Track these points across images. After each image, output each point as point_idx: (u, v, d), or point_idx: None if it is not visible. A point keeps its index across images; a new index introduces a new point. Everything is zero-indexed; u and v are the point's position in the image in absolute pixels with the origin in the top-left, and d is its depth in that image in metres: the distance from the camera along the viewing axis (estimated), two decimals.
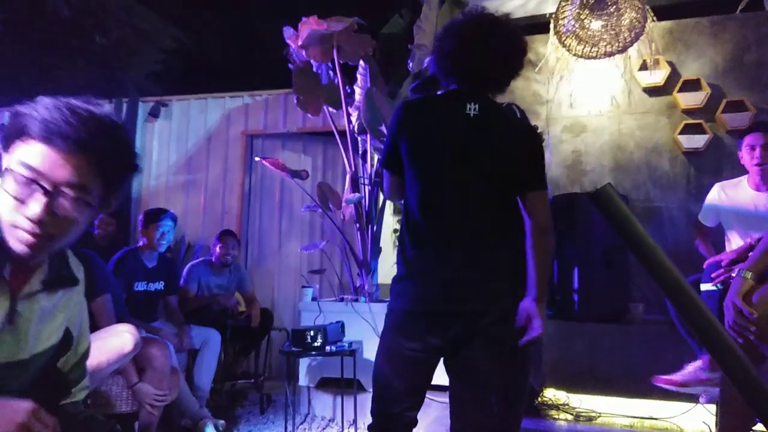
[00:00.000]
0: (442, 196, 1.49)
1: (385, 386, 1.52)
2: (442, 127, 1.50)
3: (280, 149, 4.85)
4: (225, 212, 4.79)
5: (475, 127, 1.48)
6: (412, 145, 1.50)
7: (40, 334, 0.97)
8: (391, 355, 1.52)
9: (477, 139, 1.48)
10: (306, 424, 3.13)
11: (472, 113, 1.47)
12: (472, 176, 1.48)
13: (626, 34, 3.30)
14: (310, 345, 2.88)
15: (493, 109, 1.52)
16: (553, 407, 2.86)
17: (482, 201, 1.49)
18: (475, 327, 1.43)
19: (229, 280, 3.81)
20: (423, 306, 1.47)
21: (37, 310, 0.96)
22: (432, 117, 1.53)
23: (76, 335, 1.08)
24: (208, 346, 3.23)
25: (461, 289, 1.44)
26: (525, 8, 3.99)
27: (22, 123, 0.85)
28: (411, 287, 1.50)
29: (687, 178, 3.48)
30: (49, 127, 0.84)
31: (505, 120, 1.54)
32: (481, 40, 1.48)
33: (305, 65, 3.86)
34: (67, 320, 1.05)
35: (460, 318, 1.44)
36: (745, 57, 3.45)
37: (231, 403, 3.53)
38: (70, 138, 0.85)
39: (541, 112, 3.81)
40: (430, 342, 1.45)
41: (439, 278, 1.46)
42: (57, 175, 0.85)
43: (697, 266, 2.91)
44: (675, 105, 3.52)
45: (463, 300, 1.44)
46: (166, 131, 5.03)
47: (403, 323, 1.50)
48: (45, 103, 0.86)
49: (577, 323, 2.93)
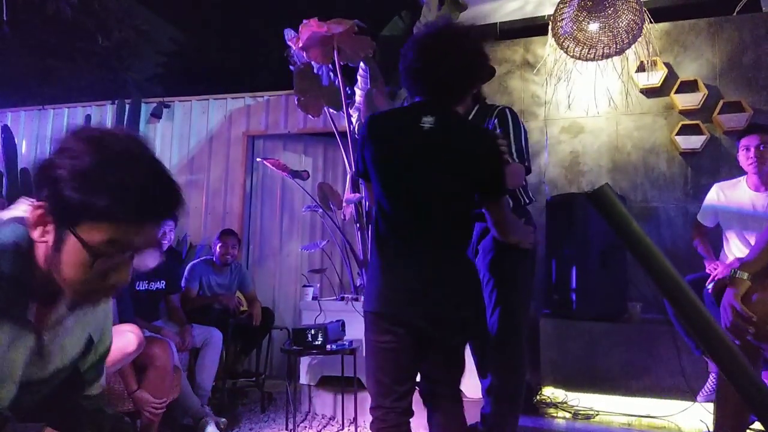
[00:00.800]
0: (399, 208, 1.57)
1: (374, 382, 1.61)
2: (398, 140, 1.57)
3: (281, 150, 4.88)
4: (226, 212, 4.82)
5: (430, 140, 1.52)
6: (375, 157, 1.59)
7: (63, 350, 0.99)
8: (371, 353, 1.62)
9: (431, 152, 1.52)
10: (307, 422, 3.15)
11: (427, 126, 1.52)
12: (426, 189, 1.54)
13: (624, 36, 3.33)
14: (311, 344, 2.91)
15: (450, 121, 1.56)
16: (551, 405, 2.89)
17: (436, 213, 1.56)
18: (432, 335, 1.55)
19: (231, 280, 3.84)
20: (387, 308, 1.57)
21: (61, 332, 0.98)
22: (392, 129, 1.60)
23: (97, 340, 1.09)
24: (210, 344, 3.26)
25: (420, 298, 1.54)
26: (523, 11, 4.02)
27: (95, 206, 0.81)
28: (377, 290, 1.59)
29: (684, 178, 3.50)
30: (132, 210, 0.83)
31: (460, 132, 1.57)
32: (438, 53, 1.52)
33: (306, 67, 3.89)
34: (90, 329, 1.06)
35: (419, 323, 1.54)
36: (742, 58, 3.47)
37: (232, 401, 3.55)
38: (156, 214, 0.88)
39: (539, 114, 3.84)
40: (398, 333, 1.55)
41: (400, 285, 1.55)
42: (138, 242, 0.87)
43: (694, 266, 2.94)
44: (672, 106, 3.54)
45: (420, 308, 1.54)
46: (168, 132, 5.07)
47: (373, 322, 1.60)
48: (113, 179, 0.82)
49: (575, 322, 2.95)
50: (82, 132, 0.85)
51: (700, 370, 2.71)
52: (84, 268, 0.84)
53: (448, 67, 1.52)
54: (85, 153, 0.81)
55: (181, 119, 5.05)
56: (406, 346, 1.56)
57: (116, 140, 0.85)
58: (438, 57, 1.52)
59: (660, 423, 2.69)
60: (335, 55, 3.63)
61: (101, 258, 0.84)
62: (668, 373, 2.75)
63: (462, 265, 1.62)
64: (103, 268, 0.85)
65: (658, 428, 2.66)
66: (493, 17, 4.09)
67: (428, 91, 1.57)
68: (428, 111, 1.54)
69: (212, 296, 3.70)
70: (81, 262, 0.84)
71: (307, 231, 4.79)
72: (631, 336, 2.87)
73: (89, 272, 0.84)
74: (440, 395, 1.66)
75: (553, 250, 3.11)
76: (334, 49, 3.62)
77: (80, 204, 0.81)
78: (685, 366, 2.68)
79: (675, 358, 2.70)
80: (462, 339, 1.65)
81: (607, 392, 2.89)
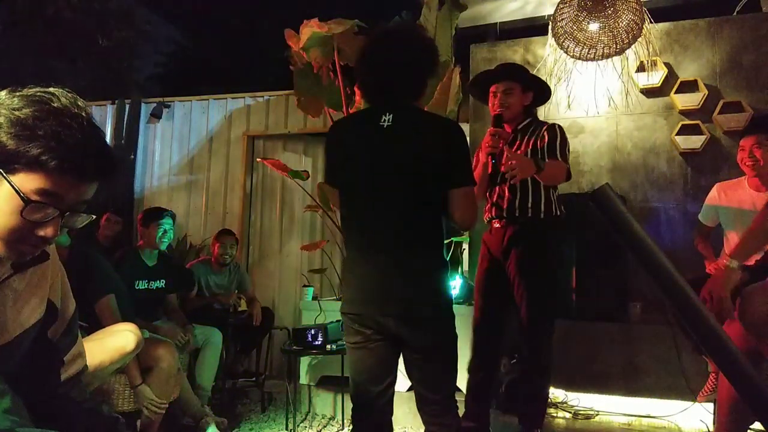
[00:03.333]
0: (365, 206, 1.59)
1: (353, 382, 1.66)
2: (360, 141, 1.60)
3: (281, 150, 4.88)
4: (226, 212, 4.82)
5: (389, 137, 1.55)
6: (339, 160, 1.63)
7: (20, 315, 0.99)
8: (348, 354, 1.67)
9: (391, 148, 1.55)
10: (307, 422, 3.15)
11: (386, 124, 1.54)
12: (390, 184, 1.55)
13: (624, 36, 3.33)
14: (311, 344, 2.91)
15: (409, 115, 1.59)
16: (552, 405, 2.88)
17: (402, 208, 1.56)
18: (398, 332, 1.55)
19: (230, 280, 3.84)
20: (355, 308, 1.59)
21: (11, 294, 0.98)
22: (353, 131, 1.65)
23: (60, 304, 1.09)
24: (210, 344, 3.26)
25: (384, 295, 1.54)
26: (523, 11, 4.02)
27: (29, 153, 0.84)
28: (346, 291, 1.64)
29: (684, 178, 3.50)
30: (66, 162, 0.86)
31: (421, 123, 1.60)
32: (379, 54, 1.58)
33: (306, 67, 3.89)
34: (48, 293, 1.06)
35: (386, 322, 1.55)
36: (743, 58, 3.47)
37: (232, 401, 3.56)
38: (89, 172, 0.89)
39: (540, 113, 3.82)
40: (367, 333, 1.58)
41: (366, 283, 1.57)
42: (69, 198, 0.89)
43: (694, 266, 2.94)
44: (672, 106, 3.54)
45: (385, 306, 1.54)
46: (168, 132, 5.07)
47: (345, 324, 1.65)
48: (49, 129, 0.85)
49: (575, 322, 2.95)
50: (22, 89, 0.88)
51: (700, 370, 2.71)
52: (13, 216, 0.86)
53: (393, 64, 1.56)
54: (25, 105, 0.85)
55: (181, 119, 5.05)
56: (376, 346, 1.58)
57: (56, 97, 0.88)
58: (380, 58, 1.58)
59: (660, 423, 2.69)
60: (335, 55, 3.63)
61: (32, 205, 0.86)
62: (668, 373, 2.75)
63: (430, 261, 1.58)
64: (32, 219, 0.87)
65: (658, 428, 2.66)
66: (493, 17, 4.09)
67: (381, 93, 1.61)
68: (387, 110, 1.57)
69: (212, 297, 3.70)
70: (11, 210, 0.86)
71: (307, 231, 4.79)
72: (631, 336, 2.87)
73: (18, 221, 0.86)
74: (426, 399, 1.62)
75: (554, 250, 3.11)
76: (334, 50, 3.63)
77: (15, 151, 0.84)
78: (685, 366, 2.68)
79: (675, 358, 2.70)
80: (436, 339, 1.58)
81: (607, 392, 2.90)
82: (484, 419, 2.48)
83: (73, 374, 1.12)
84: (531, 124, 2.43)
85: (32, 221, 0.87)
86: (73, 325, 1.14)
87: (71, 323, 1.14)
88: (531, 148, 2.33)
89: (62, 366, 1.10)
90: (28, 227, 0.88)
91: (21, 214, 0.86)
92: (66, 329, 1.12)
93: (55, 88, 0.91)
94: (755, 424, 2.07)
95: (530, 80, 2.45)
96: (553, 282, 2.41)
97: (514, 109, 2.38)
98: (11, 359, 0.98)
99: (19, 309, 0.99)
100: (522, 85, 2.40)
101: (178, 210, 4.62)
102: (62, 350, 1.11)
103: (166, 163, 5.03)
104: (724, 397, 1.89)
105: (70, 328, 1.13)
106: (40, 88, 0.89)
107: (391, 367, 1.63)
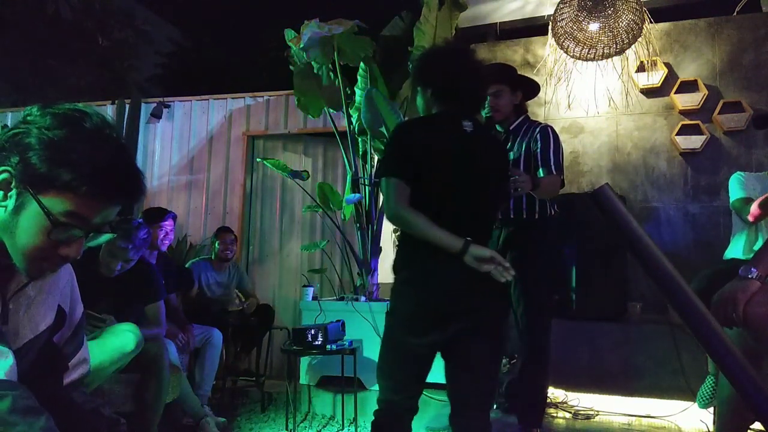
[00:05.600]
0: (452, 207, 1.61)
1: (389, 378, 1.66)
2: (447, 143, 1.64)
3: (281, 150, 4.88)
4: (226, 212, 4.82)
5: (474, 142, 1.65)
6: (421, 158, 1.60)
7: (32, 321, 1.00)
8: (397, 351, 1.64)
9: (478, 154, 1.65)
10: (307, 422, 3.15)
11: (469, 129, 1.65)
12: (477, 188, 1.64)
13: (624, 36, 3.33)
14: (311, 344, 2.91)
15: (482, 126, 1.78)
16: (552, 405, 2.88)
17: (485, 210, 1.69)
18: (476, 323, 1.58)
19: (230, 278, 3.86)
20: (430, 307, 1.58)
21: (24, 301, 0.99)
22: (437, 133, 1.66)
23: (68, 310, 1.10)
24: (210, 344, 3.26)
25: (468, 289, 1.57)
26: (523, 11, 4.03)
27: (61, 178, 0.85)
28: (418, 289, 1.60)
29: (684, 178, 3.50)
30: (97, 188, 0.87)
31: (492, 136, 1.85)
32: (475, 64, 1.71)
33: (306, 67, 3.89)
34: (58, 299, 1.07)
35: (464, 315, 1.57)
36: (742, 58, 3.47)
37: (232, 401, 3.56)
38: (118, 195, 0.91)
39: (540, 114, 3.84)
40: (434, 338, 1.58)
41: (449, 281, 1.57)
42: (96, 219, 0.90)
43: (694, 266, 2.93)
44: (672, 106, 3.54)
45: (468, 299, 1.58)
46: (168, 132, 5.07)
47: (409, 323, 1.60)
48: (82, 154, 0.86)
49: (575, 322, 2.96)
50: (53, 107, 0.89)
51: (701, 370, 2.71)
52: (40, 236, 0.87)
53: (482, 74, 1.73)
54: (57, 126, 0.86)
55: (181, 119, 5.05)
56: (435, 350, 1.62)
57: (88, 118, 0.89)
58: (478, 75, 1.71)
59: (660, 423, 2.69)
60: (335, 55, 3.64)
61: (59, 227, 0.87)
62: (668, 373, 2.75)
63: None
64: (58, 239, 0.88)
65: (658, 428, 2.65)
66: (493, 17, 4.10)
67: (471, 105, 1.72)
68: (464, 118, 1.67)
69: (211, 298, 3.71)
70: (38, 230, 0.87)
71: (307, 231, 4.79)
72: (631, 336, 2.87)
73: (44, 241, 0.88)
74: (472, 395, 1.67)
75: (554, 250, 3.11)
76: (334, 50, 3.63)
77: (47, 173, 0.85)
78: (685, 366, 2.68)
79: (675, 358, 2.70)
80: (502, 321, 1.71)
81: (607, 392, 2.90)
82: None
83: (76, 379, 1.13)
84: (523, 124, 2.42)
85: (57, 241, 0.89)
86: (79, 330, 1.15)
87: (78, 328, 1.14)
88: (524, 151, 2.33)
89: (66, 371, 1.11)
90: (52, 246, 0.89)
91: (48, 234, 0.87)
92: (72, 334, 1.12)
93: (85, 105, 0.92)
94: (755, 424, 2.07)
95: (518, 80, 2.45)
96: (550, 283, 2.42)
97: (504, 110, 2.40)
98: (21, 364, 0.98)
99: (31, 315, 1.00)
100: (510, 85, 2.41)
101: (178, 210, 4.61)
102: (68, 356, 1.12)
103: (166, 163, 5.03)
104: (724, 397, 1.89)
105: (77, 333, 1.14)
106: (70, 106, 0.90)
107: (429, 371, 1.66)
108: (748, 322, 1.62)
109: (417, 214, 1.57)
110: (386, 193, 1.62)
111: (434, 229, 1.55)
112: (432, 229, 1.55)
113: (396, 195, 1.59)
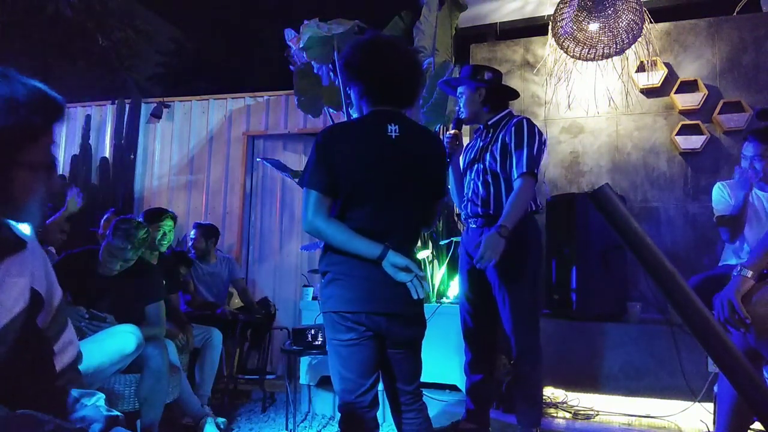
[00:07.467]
0: (373, 215, 1.61)
1: (340, 380, 1.66)
2: (370, 151, 1.62)
3: (281, 150, 4.88)
4: (226, 212, 4.82)
5: (398, 148, 1.62)
6: (343, 169, 1.59)
7: (3, 305, 0.99)
8: (335, 352, 1.67)
9: (402, 161, 1.62)
10: (307, 422, 3.16)
11: (394, 134, 1.62)
12: (400, 196, 1.63)
13: (624, 36, 3.33)
14: (311, 344, 2.91)
15: (412, 127, 1.69)
16: (551, 405, 2.88)
17: (408, 217, 1.67)
18: (389, 329, 1.62)
19: (220, 268, 3.90)
20: (354, 307, 1.61)
21: None
22: (358, 140, 1.63)
23: (44, 292, 1.09)
24: (210, 344, 3.26)
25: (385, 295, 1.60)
26: (523, 11, 4.03)
27: None
28: (341, 290, 1.63)
29: (684, 178, 3.50)
30: None
31: (421, 137, 1.72)
32: (402, 56, 1.64)
33: (306, 67, 3.89)
34: (30, 281, 1.05)
35: (380, 320, 1.60)
36: (742, 58, 3.47)
37: (232, 401, 3.56)
38: None
39: (539, 114, 3.84)
40: (360, 330, 1.61)
41: (368, 282, 1.60)
42: None
43: (694, 266, 2.94)
44: (672, 106, 3.54)
45: (384, 305, 1.60)
46: (168, 132, 5.07)
47: (334, 322, 1.64)
48: None
49: (575, 322, 2.95)
50: None
51: (700, 370, 2.71)
52: None
53: (416, 77, 1.67)
54: None
55: (181, 119, 5.05)
56: (369, 343, 1.63)
57: None
58: (410, 68, 1.65)
59: (660, 423, 2.69)
60: (335, 55, 3.63)
61: None
62: (668, 373, 2.75)
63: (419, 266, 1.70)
64: None
65: (658, 428, 2.66)
66: (493, 17, 4.09)
67: (399, 100, 1.67)
68: (391, 119, 1.63)
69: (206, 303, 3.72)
70: None
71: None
72: (631, 336, 2.87)
73: None
74: (402, 391, 1.72)
75: (553, 250, 3.11)
76: (334, 49, 3.62)
77: None
78: (685, 366, 2.68)
79: (675, 358, 2.70)
80: (419, 333, 1.73)
81: (607, 392, 2.89)
82: (484, 420, 2.48)
83: (68, 363, 1.12)
84: (504, 119, 2.41)
85: None
86: (59, 314, 1.14)
87: (58, 311, 1.13)
88: (501, 144, 2.31)
89: (54, 356, 1.10)
90: None
91: None
92: (53, 319, 1.12)
93: None
94: (755, 424, 2.07)
95: (476, 79, 2.41)
96: (535, 280, 2.36)
97: (469, 109, 2.42)
98: (3, 346, 0.98)
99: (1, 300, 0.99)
100: (469, 86, 2.42)
101: (178, 210, 4.61)
102: (52, 338, 1.11)
103: (166, 163, 5.03)
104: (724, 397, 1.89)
105: (57, 317, 1.13)
106: None
107: (376, 364, 1.67)
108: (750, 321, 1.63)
109: (335, 225, 1.58)
110: (305, 204, 1.61)
111: (352, 240, 1.57)
112: (350, 240, 1.57)
113: (314, 207, 1.59)
